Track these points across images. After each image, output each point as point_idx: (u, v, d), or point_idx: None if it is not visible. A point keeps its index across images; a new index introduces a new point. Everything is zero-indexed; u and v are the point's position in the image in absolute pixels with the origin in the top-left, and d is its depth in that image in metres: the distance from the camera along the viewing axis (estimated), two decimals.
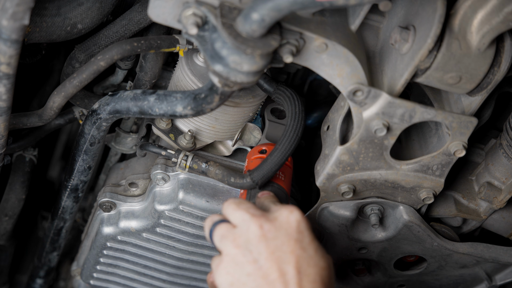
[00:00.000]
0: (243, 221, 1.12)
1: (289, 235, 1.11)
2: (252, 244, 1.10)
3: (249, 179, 1.37)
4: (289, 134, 1.31)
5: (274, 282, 1.06)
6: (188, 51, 1.33)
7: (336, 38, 1.16)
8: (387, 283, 1.62)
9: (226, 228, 1.14)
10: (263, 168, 1.32)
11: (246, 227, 1.12)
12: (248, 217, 1.12)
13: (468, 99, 1.27)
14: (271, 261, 1.08)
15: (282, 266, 1.07)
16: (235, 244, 1.10)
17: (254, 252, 1.09)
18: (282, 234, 1.10)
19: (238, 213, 1.14)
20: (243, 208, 1.14)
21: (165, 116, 1.24)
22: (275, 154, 1.31)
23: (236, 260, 1.09)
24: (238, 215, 1.14)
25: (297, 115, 1.32)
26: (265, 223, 1.11)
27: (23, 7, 1.05)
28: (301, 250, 1.10)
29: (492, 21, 1.13)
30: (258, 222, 1.11)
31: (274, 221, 1.12)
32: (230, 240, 1.11)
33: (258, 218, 1.12)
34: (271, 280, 1.06)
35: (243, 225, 1.12)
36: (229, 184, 1.36)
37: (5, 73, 1.14)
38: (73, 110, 1.49)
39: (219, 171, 1.37)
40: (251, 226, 1.11)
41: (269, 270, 1.07)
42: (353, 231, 1.46)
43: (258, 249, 1.09)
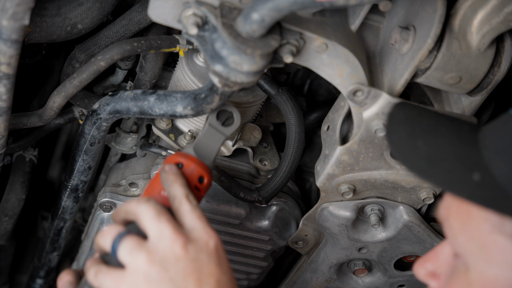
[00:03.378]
0: (163, 238, 1.05)
1: (209, 258, 1.07)
2: (169, 263, 1.04)
3: (257, 194, 1.40)
4: (292, 148, 1.35)
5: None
6: (188, 51, 1.33)
7: (336, 38, 1.16)
8: (387, 283, 1.62)
9: (137, 242, 1.05)
10: (271, 183, 1.37)
11: (165, 244, 1.05)
12: (169, 234, 1.05)
13: (468, 99, 1.27)
14: (190, 282, 1.03)
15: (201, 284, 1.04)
16: (150, 260, 1.03)
17: (171, 271, 1.03)
18: (203, 257, 1.06)
19: (157, 226, 1.06)
20: (164, 221, 1.06)
21: (165, 116, 1.24)
22: (282, 169, 1.36)
23: (149, 277, 1.02)
24: (157, 228, 1.06)
25: (300, 127, 1.35)
26: (188, 243, 1.05)
27: (23, 7, 1.05)
28: (221, 274, 1.06)
29: (492, 21, 1.13)
30: (180, 242, 1.05)
31: (195, 242, 1.06)
32: (144, 255, 1.03)
33: (180, 236, 1.05)
34: None
35: (162, 241, 1.05)
36: (235, 196, 1.39)
37: (5, 73, 1.14)
38: (73, 110, 1.49)
39: (225, 178, 1.39)
40: (173, 243, 1.04)
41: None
42: (353, 231, 1.46)
43: (176, 268, 1.03)
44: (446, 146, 0.98)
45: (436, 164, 0.95)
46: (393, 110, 1.07)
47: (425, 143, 0.98)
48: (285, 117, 1.37)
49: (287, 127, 1.38)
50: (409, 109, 1.08)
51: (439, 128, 1.02)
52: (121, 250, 1.05)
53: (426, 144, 0.98)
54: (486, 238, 0.92)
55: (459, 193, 0.93)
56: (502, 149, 0.93)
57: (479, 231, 0.92)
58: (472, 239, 0.93)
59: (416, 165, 0.97)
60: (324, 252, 1.54)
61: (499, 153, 0.93)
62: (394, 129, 1.03)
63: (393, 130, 1.03)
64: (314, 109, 1.66)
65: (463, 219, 0.95)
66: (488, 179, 0.91)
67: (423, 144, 0.98)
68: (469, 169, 0.93)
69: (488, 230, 0.91)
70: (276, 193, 1.43)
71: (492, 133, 0.96)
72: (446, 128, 1.02)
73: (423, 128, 1.02)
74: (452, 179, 0.94)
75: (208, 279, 1.05)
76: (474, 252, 0.93)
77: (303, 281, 1.65)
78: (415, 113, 1.06)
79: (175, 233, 1.05)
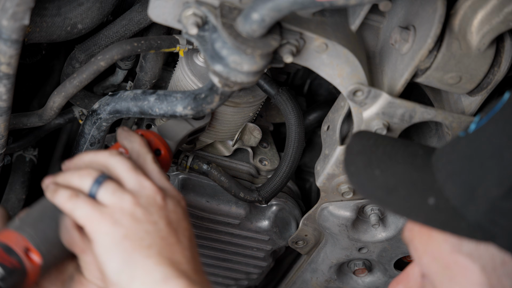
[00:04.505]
0: (144, 188, 1.07)
1: (184, 215, 1.10)
2: (153, 209, 1.06)
3: (257, 194, 1.41)
4: (292, 148, 1.35)
5: (172, 245, 1.04)
6: (188, 51, 1.33)
7: (336, 38, 1.16)
8: (387, 283, 1.62)
9: (119, 186, 1.07)
10: (271, 183, 1.37)
11: (147, 193, 1.07)
12: (149, 186, 1.07)
13: (468, 99, 1.27)
14: (170, 228, 1.06)
15: (179, 235, 1.07)
16: (135, 202, 1.05)
17: (155, 216, 1.05)
18: (179, 212, 1.10)
19: (136, 177, 1.08)
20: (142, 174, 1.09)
21: (165, 116, 1.24)
22: (282, 169, 1.36)
23: (135, 216, 1.04)
24: (136, 179, 1.08)
25: (300, 127, 1.35)
26: (167, 195, 1.09)
27: (23, 7, 1.05)
28: (191, 230, 1.10)
29: (492, 21, 1.13)
30: (160, 192, 1.08)
31: (171, 197, 1.10)
32: (129, 196, 1.05)
33: (159, 189, 1.08)
34: (169, 242, 1.04)
35: (143, 190, 1.07)
36: (235, 196, 1.40)
37: (5, 73, 1.14)
38: (73, 110, 1.49)
39: (225, 178, 1.39)
40: (155, 194, 1.07)
41: (168, 234, 1.05)
42: (353, 231, 1.46)
43: (159, 214, 1.06)
44: (401, 173, 1.01)
45: (393, 192, 0.99)
46: (351, 141, 1.12)
47: (382, 172, 1.01)
48: (285, 117, 1.37)
49: (287, 127, 1.38)
50: (365, 139, 1.12)
51: (394, 156, 1.05)
52: (103, 191, 1.05)
53: (383, 173, 1.01)
54: (447, 258, 0.95)
55: (416, 218, 0.96)
56: (453, 171, 0.95)
57: (440, 252, 0.95)
58: (435, 259, 0.96)
59: (375, 194, 1.00)
60: (324, 252, 1.54)
61: (450, 176, 0.95)
62: (351, 160, 1.06)
63: (350, 161, 1.06)
64: (314, 109, 1.66)
65: (425, 240, 0.98)
66: (442, 202, 0.94)
67: (379, 173, 1.01)
68: (424, 194, 0.96)
69: (448, 251, 0.94)
70: (276, 193, 1.43)
71: (443, 156, 0.99)
72: (401, 154, 1.05)
73: (379, 157, 1.05)
74: (409, 205, 0.97)
75: (184, 232, 1.08)
76: (438, 272, 0.96)
77: (303, 281, 1.65)
78: (371, 143, 1.10)
79: (154, 186, 1.08)
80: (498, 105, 0.94)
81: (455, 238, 0.93)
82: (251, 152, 1.48)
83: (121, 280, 1.01)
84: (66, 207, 1.05)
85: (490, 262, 0.92)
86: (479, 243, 0.92)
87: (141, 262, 1.01)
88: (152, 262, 1.02)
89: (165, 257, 1.03)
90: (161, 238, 1.04)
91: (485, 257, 0.92)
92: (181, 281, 1.01)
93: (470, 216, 0.91)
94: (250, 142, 1.45)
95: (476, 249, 0.92)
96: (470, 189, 0.92)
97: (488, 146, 0.92)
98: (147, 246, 1.02)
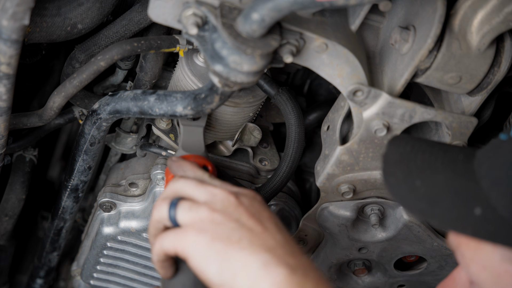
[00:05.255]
0: (215, 195, 1.08)
1: (263, 206, 1.11)
2: (230, 210, 1.07)
3: None
4: (292, 148, 1.35)
5: (261, 233, 1.04)
6: (188, 51, 1.33)
7: (336, 38, 1.16)
8: (387, 283, 1.62)
9: (193, 202, 1.08)
10: (271, 183, 1.37)
11: (220, 198, 1.08)
12: (219, 191, 1.08)
13: (468, 99, 1.27)
14: (253, 220, 1.06)
15: (264, 224, 1.06)
16: (212, 209, 1.06)
17: (234, 214, 1.06)
18: (257, 205, 1.10)
19: (205, 189, 1.09)
20: (208, 185, 1.10)
21: (165, 116, 1.24)
22: (282, 169, 1.36)
23: (215, 221, 1.05)
24: (205, 190, 1.09)
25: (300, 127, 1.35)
26: (239, 194, 1.09)
27: (23, 7, 1.05)
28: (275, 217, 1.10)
29: (492, 21, 1.13)
30: (232, 193, 1.08)
31: (244, 195, 1.10)
32: (205, 207, 1.06)
33: (230, 191, 1.09)
34: (257, 232, 1.04)
35: (216, 197, 1.08)
36: None
37: (5, 73, 1.14)
38: (73, 110, 1.49)
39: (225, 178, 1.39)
40: (227, 196, 1.08)
41: (253, 225, 1.05)
42: (353, 231, 1.46)
43: (238, 212, 1.06)
44: (443, 182, 0.97)
45: (436, 203, 0.95)
46: (387, 149, 1.06)
47: (423, 182, 0.98)
48: (285, 117, 1.37)
49: (287, 127, 1.38)
50: (402, 146, 1.06)
51: (434, 163, 1.01)
52: (180, 212, 1.07)
53: (424, 184, 0.98)
54: (498, 268, 0.92)
55: (463, 231, 0.93)
56: (498, 178, 0.92)
57: (491, 261, 0.93)
58: (484, 268, 0.94)
59: (417, 207, 0.96)
60: (324, 252, 1.54)
61: (496, 184, 0.92)
62: (390, 171, 1.02)
63: (389, 172, 1.02)
64: (314, 109, 1.66)
65: (473, 249, 0.95)
66: (489, 211, 0.91)
67: (420, 184, 0.98)
68: (469, 204, 0.93)
69: (498, 260, 0.92)
70: (276, 193, 1.43)
71: (486, 161, 0.96)
72: (441, 161, 1.01)
73: (419, 165, 1.01)
74: (454, 217, 0.94)
75: (269, 220, 1.08)
76: (488, 281, 0.94)
77: None
78: (408, 150, 1.05)
79: (224, 190, 1.09)
80: None
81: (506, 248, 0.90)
82: (251, 152, 1.48)
83: (225, 279, 1.01)
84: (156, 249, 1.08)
85: None
86: None
87: (237, 256, 1.01)
88: (247, 252, 1.02)
89: (258, 245, 1.03)
90: (248, 230, 1.04)
91: None
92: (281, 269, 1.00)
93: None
94: (250, 142, 1.45)
95: None
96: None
97: None
98: (237, 241, 1.03)
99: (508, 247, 0.90)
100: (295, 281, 0.99)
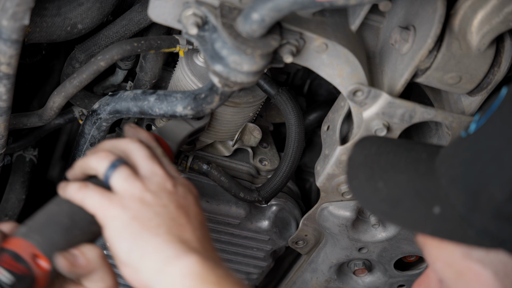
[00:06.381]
0: (155, 175, 1.09)
1: (195, 202, 1.11)
2: (162, 194, 1.07)
3: (257, 194, 1.41)
4: (292, 148, 1.35)
5: (183, 225, 1.05)
6: (188, 51, 1.33)
7: (336, 38, 1.16)
8: (387, 283, 1.62)
9: (132, 172, 1.08)
10: (271, 183, 1.37)
11: (158, 179, 1.09)
12: (161, 173, 1.09)
13: (468, 99, 1.27)
14: (180, 211, 1.07)
15: (190, 217, 1.07)
16: (145, 188, 1.06)
17: (164, 200, 1.07)
18: (190, 198, 1.10)
19: (150, 165, 1.10)
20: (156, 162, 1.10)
21: (165, 116, 1.24)
22: (282, 169, 1.36)
23: (144, 200, 1.05)
24: (150, 166, 1.10)
25: (300, 127, 1.35)
26: (177, 185, 1.10)
27: (23, 7, 1.05)
28: (202, 215, 1.11)
29: (492, 21, 1.13)
30: (170, 178, 1.09)
31: (182, 185, 1.11)
32: (139, 183, 1.07)
33: (170, 177, 1.10)
34: (179, 223, 1.05)
35: (154, 177, 1.09)
36: (235, 196, 1.40)
37: (5, 73, 1.14)
38: (73, 110, 1.49)
39: (225, 179, 1.39)
40: (165, 180, 1.09)
41: (177, 216, 1.06)
42: (353, 231, 1.46)
43: (169, 198, 1.07)
44: (405, 182, 0.98)
45: (397, 204, 0.96)
46: (352, 152, 1.08)
47: (385, 183, 0.99)
48: (285, 117, 1.37)
49: (287, 127, 1.38)
50: (367, 148, 1.08)
51: (397, 164, 1.02)
52: (116, 176, 1.07)
53: (386, 185, 0.99)
54: (459, 265, 0.93)
55: (423, 230, 0.94)
56: (456, 176, 0.93)
57: (453, 258, 0.94)
58: (448, 265, 0.95)
59: (379, 209, 0.98)
60: (324, 252, 1.54)
61: (453, 182, 0.93)
62: (353, 174, 1.04)
63: (353, 175, 1.04)
64: (314, 109, 1.66)
65: (436, 246, 0.96)
66: (448, 210, 0.92)
67: (383, 185, 0.99)
68: (429, 203, 0.94)
69: (459, 257, 0.93)
70: (276, 193, 1.43)
71: (447, 159, 0.96)
72: (404, 161, 1.02)
73: (382, 167, 1.02)
74: (414, 217, 0.95)
75: (195, 217, 1.09)
76: (452, 278, 0.95)
77: (303, 281, 1.65)
78: (373, 152, 1.06)
79: (166, 173, 1.10)
80: (496, 103, 0.92)
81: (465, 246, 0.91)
82: (251, 152, 1.48)
83: (132, 259, 1.02)
84: (77, 197, 1.08)
85: (502, 268, 0.90)
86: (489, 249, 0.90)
87: (150, 240, 1.02)
88: (162, 240, 1.02)
89: (175, 235, 1.03)
90: (171, 219, 1.05)
91: (496, 263, 0.90)
92: (193, 257, 1.01)
93: (477, 223, 0.89)
94: (250, 142, 1.45)
95: (486, 255, 0.90)
96: (474, 195, 0.90)
97: (487, 149, 0.90)
98: (155, 226, 1.03)
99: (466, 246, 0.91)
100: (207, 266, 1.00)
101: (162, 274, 1.01)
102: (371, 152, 1.07)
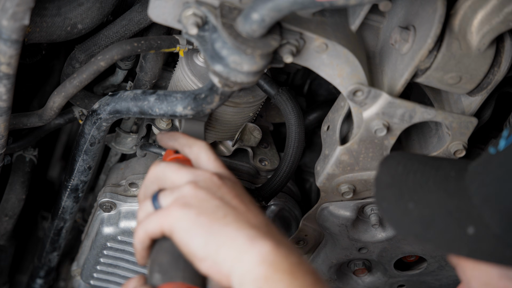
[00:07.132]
0: (197, 175, 1.08)
1: (244, 190, 1.11)
2: (213, 188, 1.06)
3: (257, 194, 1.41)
4: (292, 148, 1.35)
5: (245, 213, 1.05)
6: (188, 51, 1.33)
7: (336, 38, 1.16)
8: (387, 283, 1.62)
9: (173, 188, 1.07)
10: (271, 183, 1.37)
11: (203, 177, 1.07)
12: (201, 171, 1.08)
13: (468, 99, 1.27)
14: (237, 200, 1.06)
15: (248, 205, 1.07)
16: (195, 186, 1.05)
17: (218, 193, 1.06)
18: (239, 187, 1.10)
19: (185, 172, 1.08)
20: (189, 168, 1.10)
21: (165, 116, 1.24)
22: (282, 169, 1.36)
23: (199, 197, 1.04)
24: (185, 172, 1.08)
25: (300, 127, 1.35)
26: (223, 178, 1.09)
27: (23, 7, 1.05)
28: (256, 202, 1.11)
29: (492, 21, 1.13)
30: (215, 174, 1.08)
31: (227, 178, 1.10)
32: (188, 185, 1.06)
33: (213, 173, 1.09)
34: (241, 211, 1.05)
35: (197, 176, 1.07)
36: None
37: (5, 73, 1.14)
38: (73, 110, 1.49)
39: None
40: (210, 176, 1.07)
41: (237, 204, 1.05)
42: (353, 231, 1.46)
43: (222, 191, 1.06)
44: (436, 203, 0.96)
45: (429, 226, 0.94)
46: (379, 172, 1.05)
47: (415, 204, 0.97)
48: (285, 117, 1.37)
49: (287, 127, 1.38)
50: (394, 168, 1.04)
51: (426, 183, 0.99)
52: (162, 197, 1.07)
53: (417, 206, 0.96)
54: (497, 285, 0.92)
55: (458, 252, 0.92)
56: (489, 195, 0.92)
57: (489, 278, 0.92)
58: (484, 285, 0.93)
59: (412, 231, 0.96)
60: (324, 252, 1.54)
61: (487, 201, 0.91)
62: (382, 195, 1.01)
63: (381, 196, 1.01)
64: (314, 109, 1.66)
65: (471, 266, 0.94)
66: (483, 230, 0.90)
67: (413, 206, 0.97)
68: (462, 224, 0.92)
69: (496, 277, 0.92)
70: (276, 193, 1.43)
71: (477, 177, 0.95)
72: (433, 180, 0.99)
73: (411, 187, 1.00)
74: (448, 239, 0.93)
75: (252, 204, 1.08)
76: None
77: None
78: (400, 171, 1.03)
79: (207, 171, 1.09)
80: None
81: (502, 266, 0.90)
82: (251, 152, 1.48)
83: (209, 252, 1.01)
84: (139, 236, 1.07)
85: None
86: None
87: (222, 230, 1.02)
88: (233, 228, 1.02)
89: (243, 221, 1.03)
90: (232, 208, 1.05)
91: None
92: (267, 243, 1.00)
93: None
94: (250, 142, 1.45)
95: None
96: (509, 213, 0.88)
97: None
98: (222, 216, 1.03)
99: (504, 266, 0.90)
100: (280, 253, 0.99)
101: (240, 262, 1.00)
102: (397, 171, 1.03)
